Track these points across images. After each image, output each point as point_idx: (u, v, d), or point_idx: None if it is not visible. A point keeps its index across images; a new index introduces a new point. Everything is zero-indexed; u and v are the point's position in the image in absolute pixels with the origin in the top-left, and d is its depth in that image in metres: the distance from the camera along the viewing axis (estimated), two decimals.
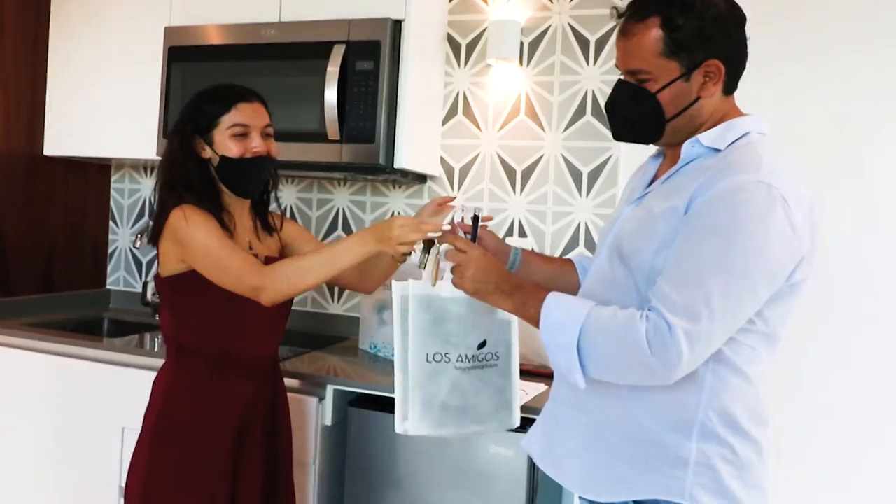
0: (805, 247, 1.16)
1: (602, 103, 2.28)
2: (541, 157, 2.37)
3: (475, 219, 1.45)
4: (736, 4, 1.25)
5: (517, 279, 1.33)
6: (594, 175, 2.31)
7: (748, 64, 1.28)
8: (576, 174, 2.33)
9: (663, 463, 1.19)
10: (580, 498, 1.35)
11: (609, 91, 1.29)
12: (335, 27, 2.09)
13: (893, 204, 1.92)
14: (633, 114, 1.27)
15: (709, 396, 1.19)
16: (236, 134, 1.59)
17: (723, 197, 1.12)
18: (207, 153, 1.61)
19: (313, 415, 1.92)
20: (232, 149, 1.59)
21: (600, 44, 2.30)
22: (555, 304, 1.21)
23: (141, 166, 2.88)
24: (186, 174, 1.60)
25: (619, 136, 1.34)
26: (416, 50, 2.17)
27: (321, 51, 2.08)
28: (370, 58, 2.05)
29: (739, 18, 1.24)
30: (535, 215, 2.38)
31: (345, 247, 1.51)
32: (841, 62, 1.97)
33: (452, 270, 1.35)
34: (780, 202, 1.11)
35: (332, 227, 2.59)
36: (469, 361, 1.41)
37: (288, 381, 1.93)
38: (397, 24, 2.10)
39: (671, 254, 1.15)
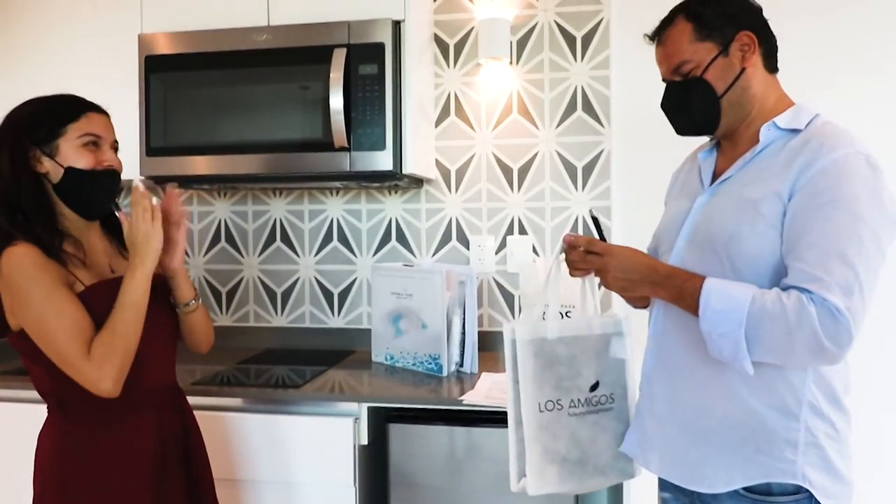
0: None
1: (591, 99, 2.32)
2: (536, 155, 2.38)
3: (595, 220, 1.43)
4: None
5: (667, 268, 1.30)
6: (588, 169, 2.35)
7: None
8: (571, 169, 2.36)
9: (773, 446, 1.21)
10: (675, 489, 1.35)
11: (599, 86, 1.32)
12: (334, 30, 2.02)
13: None
14: (689, 104, 1.33)
15: (814, 374, 1.22)
16: (87, 143, 1.42)
17: (831, 172, 1.16)
18: (45, 167, 1.40)
19: (349, 436, 1.85)
20: (81, 160, 1.41)
21: (587, 40, 2.33)
22: (715, 293, 1.19)
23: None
24: (17, 192, 1.38)
25: (682, 130, 1.39)
26: (415, 51, 2.13)
27: (321, 55, 2.00)
28: (374, 61, 1.99)
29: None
30: (534, 212, 2.39)
31: (126, 282, 1.39)
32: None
33: (596, 275, 1.35)
34: (879, 170, 1.18)
35: (327, 239, 2.51)
36: (583, 406, 1.36)
37: (315, 407, 1.88)
38: (397, 25, 2.05)
39: (797, 235, 1.17)
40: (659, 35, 1.36)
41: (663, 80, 1.38)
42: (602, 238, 1.40)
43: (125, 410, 1.44)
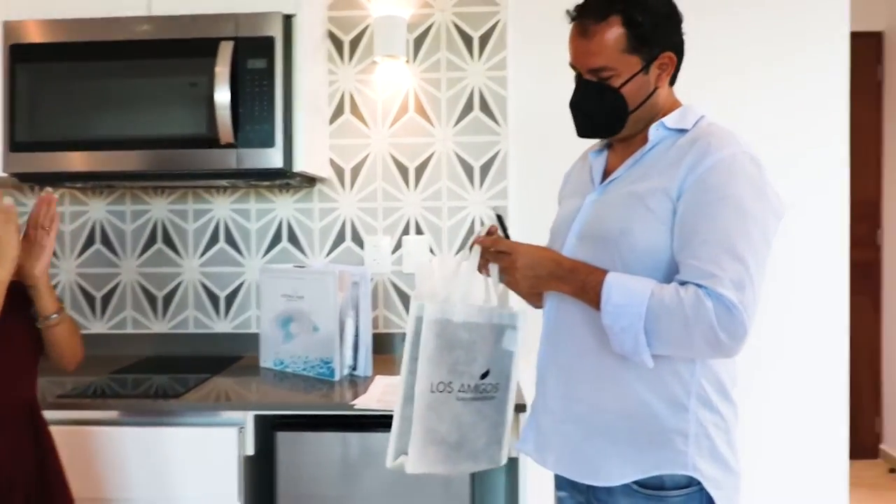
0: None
1: (488, 99, 2.31)
2: (432, 154, 2.35)
3: (499, 218, 1.41)
4: (673, 3, 1.33)
5: (571, 262, 1.29)
6: (485, 168, 2.34)
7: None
8: (468, 169, 2.34)
9: (665, 437, 1.23)
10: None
11: (495, 87, 1.28)
12: (220, 22, 1.91)
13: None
14: (599, 110, 1.32)
15: (702, 366, 1.25)
16: None
17: (719, 170, 1.19)
18: None
19: (234, 446, 1.75)
20: None
21: (483, 40, 2.33)
22: (616, 287, 1.20)
23: None
24: None
25: (583, 132, 1.38)
26: (308, 46, 2.05)
27: (206, 48, 1.89)
28: (263, 55, 1.90)
29: (680, 15, 1.32)
30: (430, 212, 2.35)
31: None
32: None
33: (501, 273, 1.33)
34: (762, 168, 1.22)
35: (213, 240, 2.38)
36: (471, 392, 1.35)
37: (197, 418, 1.78)
38: (288, 19, 1.97)
39: (688, 232, 1.19)
40: (586, 25, 1.28)
41: (574, 69, 1.34)
42: (507, 237, 1.39)
43: None
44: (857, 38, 2.30)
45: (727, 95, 2.30)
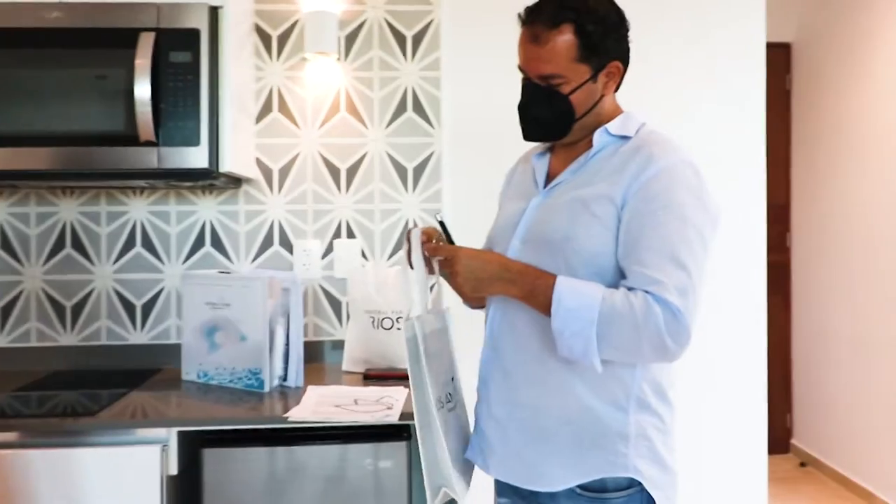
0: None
1: (422, 99, 2.26)
2: (365, 155, 2.27)
3: (442, 224, 1.39)
4: (622, 11, 1.35)
5: (519, 265, 1.29)
6: (419, 170, 2.28)
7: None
8: (401, 171, 2.28)
9: (607, 440, 1.25)
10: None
11: (429, 87, 1.25)
12: (140, 12, 1.78)
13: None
14: (547, 115, 1.33)
15: (642, 369, 1.27)
16: None
17: (662, 179, 1.23)
18: None
19: (156, 466, 1.63)
20: None
21: (417, 39, 2.27)
22: (567, 291, 1.20)
23: None
24: None
25: (530, 136, 1.38)
26: (234, 40, 1.94)
27: (125, 38, 1.75)
28: (187, 48, 1.78)
29: (627, 24, 1.35)
30: (362, 215, 2.28)
31: None
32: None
33: (447, 277, 1.32)
34: (701, 177, 1.26)
35: (129, 245, 2.23)
36: (451, 401, 1.35)
37: (115, 436, 1.64)
38: (214, 11, 1.85)
39: (634, 239, 1.21)
40: (537, 31, 1.28)
41: (522, 73, 1.34)
42: (451, 241, 1.37)
43: None
44: (767, 48, 2.39)
45: (652, 104, 2.32)
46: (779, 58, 4.05)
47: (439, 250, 1.32)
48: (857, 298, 3.59)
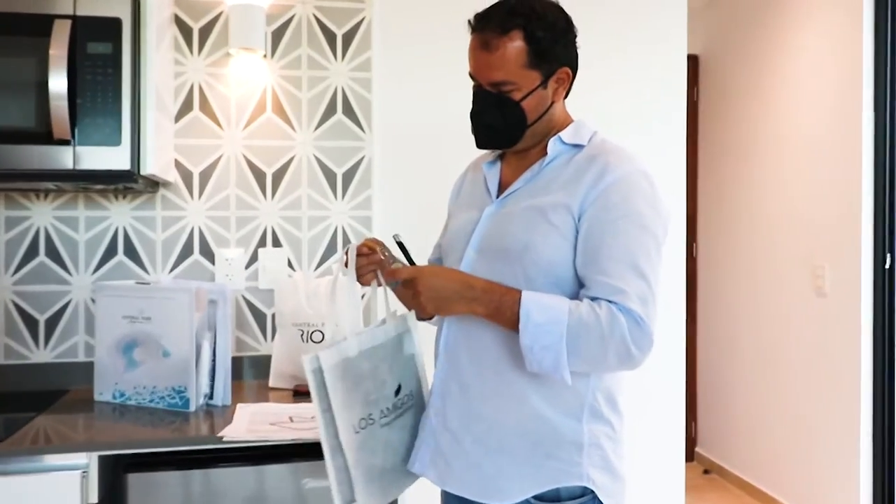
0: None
1: (352, 101, 2.19)
2: (292, 159, 2.17)
3: (400, 244, 1.36)
4: (570, 18, 1.35)
5: (483, 282, 1.26)
6: (349, 176, 2.20)
7: None
8: (330, 176, 2.19)
9: (561, 450, 1.26)
10: None
11: (360, 89, 1.28)
12: None
13: None
14: (499, 122, 1.32)
15: (596, 378, 1.28)
16: None
17: (620, 188, 1.23)
18: None
19: (76, 494, 1.49)
20: None
21: (347, 38, 2.19)
22: (534, 307, 1.19)
23: None
24: None
25: (482, 144, 1.38)
26: (156, 32, 1.80)
27: (37, 26, 1.59)
28: (107, 39, 1.64)
29: (575, 30, 1.35)
30: (289, 222, 2.17)
31: None
32: None
33: (408, 301, 1.29)
34: (655, 185, 1.28)
35: (32, 254, 2.02)
36: (392, 413, 1.33)
37: (25, 464, 1.49)
38: (136, 0, 1.71)
39: (594, 248, 1.22)
40: (487, 38, 1.27)
41: (473, 80, 1.33)
42: (411, 262, 1.35)
43: None
44: None
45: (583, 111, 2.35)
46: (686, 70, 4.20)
47: (398, 273, 1.30)
48: (760, 309, 3.73)
